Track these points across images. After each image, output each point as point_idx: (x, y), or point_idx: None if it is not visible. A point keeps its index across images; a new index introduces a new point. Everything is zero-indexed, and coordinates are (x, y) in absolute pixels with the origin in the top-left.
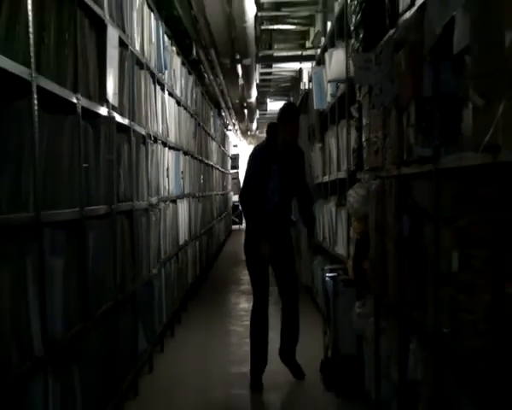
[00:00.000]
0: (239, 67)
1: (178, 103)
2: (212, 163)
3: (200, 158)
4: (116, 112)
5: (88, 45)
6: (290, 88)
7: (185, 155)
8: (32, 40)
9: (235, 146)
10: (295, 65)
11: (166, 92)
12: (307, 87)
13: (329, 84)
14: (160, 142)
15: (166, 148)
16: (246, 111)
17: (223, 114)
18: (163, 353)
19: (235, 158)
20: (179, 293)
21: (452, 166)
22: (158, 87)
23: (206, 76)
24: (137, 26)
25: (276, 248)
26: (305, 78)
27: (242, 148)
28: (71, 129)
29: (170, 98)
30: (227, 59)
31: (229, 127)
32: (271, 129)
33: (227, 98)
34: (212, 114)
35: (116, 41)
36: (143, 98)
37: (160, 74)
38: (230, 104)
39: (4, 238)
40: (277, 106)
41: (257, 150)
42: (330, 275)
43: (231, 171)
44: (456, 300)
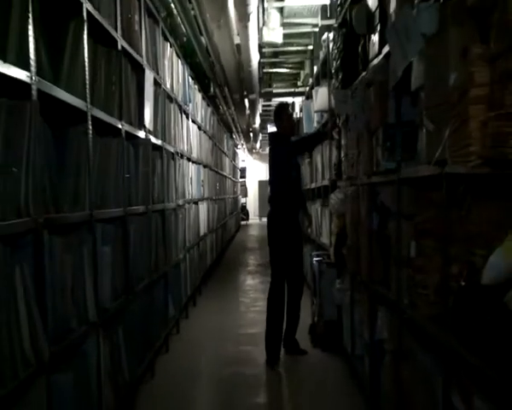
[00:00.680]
0: (246, 101)
1: (199, 128)
2: (225, 174)
3: (216, 170)
4: (151, 135)
5: (130, 84)
6: None
7: (204, 168)
8: (88, 80)
9: (243, 161)
10: (289, 99)
11: (190, 120)
12: (299, 116)
13: (316, 113)
14: (185, 157)
15: (190, 162)
16: (251, 134)
17: (233, 136)
18: (187, 318)
19: (242, 170)
20: (200, 272)
21: (410, 176)
22: (184, 116)
23: (220, 107)
24: (168, 70)
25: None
26: (297, 109)
27: (248, 162)
28: (116, 148)
29: (193, 124)
30: (237, 94)
31: (238, 146)
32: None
33: (237, 124)
34: (225, 136)
35: (152, 81)
36: (172, 124)
37: (186, 106)
38: (239, 129)
39: (67, 232)
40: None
41: (286, 139)
42: (316, 259)
43: (240, 180)
44: (413, 278)
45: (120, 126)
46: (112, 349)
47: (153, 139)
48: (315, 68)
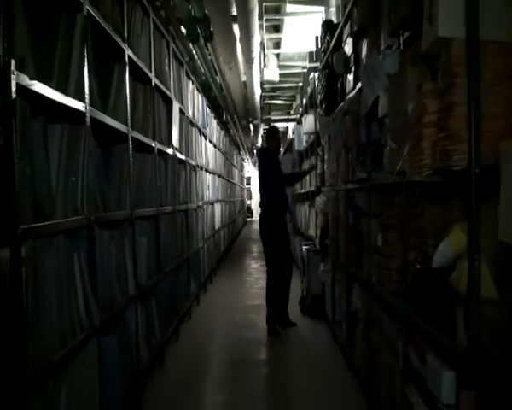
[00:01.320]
0: (251, 125)
1: (214, 146)
2: (235, 181)
3: (227, 178)
4: (178, 151)
5: (161, 112)
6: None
7: (218, 177)
8: (129, 109)
9: (248, 171)
10: (284, 124)
11: (207, 140)
12: (291, 137)
13: (305, 135)
14: (204, 169)
15: (207, 173)
16: (254, 151)
17: (241, 153)
18: (205, 293)
19: (248, 179)
20: (215, 257)
21: (378, 183)
22: (202, 137)
23: (231, 130)
24: (190, 102)
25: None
26: (290, 131)
27: (252, 172)
28: (151, 162)
29: (209, 143)
30: (243, 120)
31: (244, 160)
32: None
33: (243, 143)
34: (235, 153)
35: (178, 110)
36: (194, 143)
37: (204, 129)
38: (245, 146)
39: (112, 226)
40: None
41: (275, 153)
42: (305, 247)
43: (246, 186)
44: (379, 262)
45: (154, 145)
46: (147, 317)
47: (179, 155)
48: (304, 100)
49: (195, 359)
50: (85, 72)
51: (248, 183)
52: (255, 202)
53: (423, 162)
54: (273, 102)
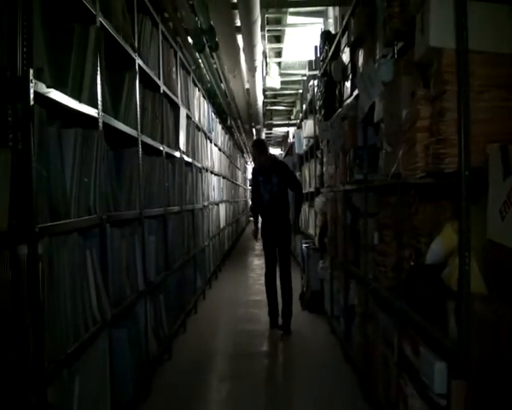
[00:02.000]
0: (253, 130)
1: (219, 149)
2: (238, 183)
3: (231, 180)
4: (184, 154)
5: (169, 117)
6: (282, 142)
7: (223, 179)
8: (139, 115)
9: (251, 173)
10: (285, 128)
11: (213, 143)
12: (292, 141)
13: (304, 139)
14: (209, 171)
15: (212, 174)
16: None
17: (244, 155)
18: (211, 288)
19: (251, 180)
20: (220, 255)
21: (374, 184)
22: (208, 141)
23: (235, 134)
24: (196, 108)
25: (277, 236)
26: (291, 135)
27: None
28: (159, 164)
29: (214, 147)
30: (247, 125)
31: (247, 163)
32: (254, 156)
33: (246, 147)
34: (238, 156)
35: (185, 115)
36: (200, 147)
37: (209, 133)
38: (248, 150)
39: (123, 225)
40: (276, 151)
41: (252, 171)
42: (305, 245)
43: (249, 187)
44: (376, 259)
45: (162, 148)
46: (155, 311)
47: (185, 158)
48: (304, 106)
49: (201, 350)
50: (98, 80)
51: (251, 184)
52: None
53: (417, 165)
54: (275, 108)
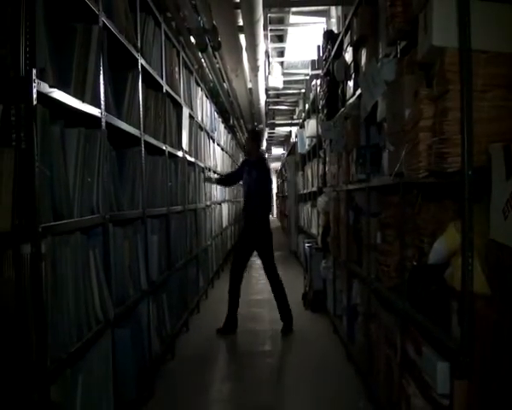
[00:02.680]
0: (256, 129)
1: (222, 149)
2: (241, 182)
3: None
4: (187, 154)
5: (172, 117)
6: (284, 141)
7: None
8: (141, 114)
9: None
10: (288, 128)
11: (215, 143)
12: (294, 140)
13: (307, 138)
14: (212, 171)
15: (215, 174)
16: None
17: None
18: (213, 288)
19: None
20: (222, 254)
21: (377, 184)
22: (210, 140)
23: (237, 134)
24: (199, 107)
25: (252, 234)
26: (293, 135)
27: None
28: (162, 164)
29: (217, 146)
30: (249, 124)
31: None
32: (247, 144)
33: None
34: (241, 155)
35: (187, 115)
36: (202, 146)
37: (212, 133)
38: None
39: (126, 224)
40: (278, 151)
41: (243, 160)
42: (308, 245)
43: None
44: (378, 259)
45: (164, 148)
46: (158, 310)
47: (188, 157)
48: (306, 106)
49: (204, 349)
50: (101, 80)
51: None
52: None
53: (419, 164)
54: (277, 108)
